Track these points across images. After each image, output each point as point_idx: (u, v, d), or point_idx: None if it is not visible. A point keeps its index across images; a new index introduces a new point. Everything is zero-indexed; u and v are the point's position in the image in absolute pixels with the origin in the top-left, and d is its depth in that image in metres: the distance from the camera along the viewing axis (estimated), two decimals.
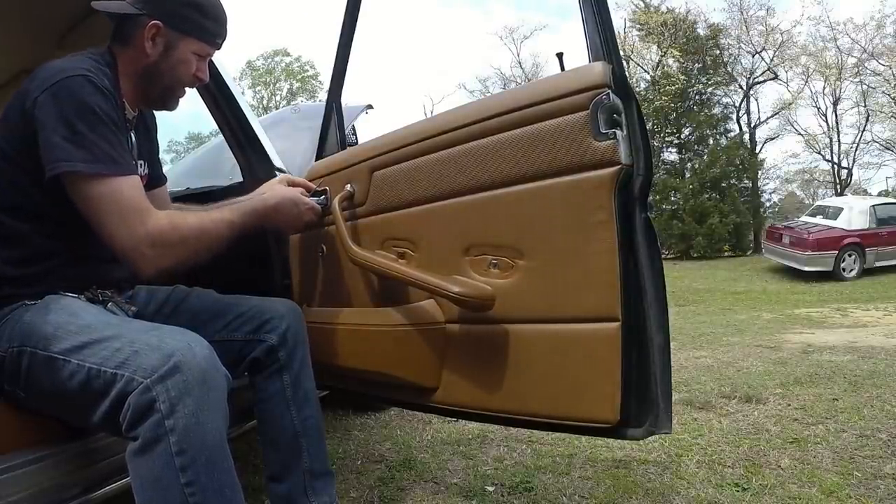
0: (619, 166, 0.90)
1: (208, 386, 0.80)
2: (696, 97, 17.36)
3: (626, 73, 1.03)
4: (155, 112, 1.23)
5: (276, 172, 1.57)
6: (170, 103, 1.13)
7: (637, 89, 16.70)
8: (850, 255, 9.64)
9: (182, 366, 0.78)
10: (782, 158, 24.12)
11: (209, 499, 0.78)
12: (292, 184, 1.31)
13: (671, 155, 17.79)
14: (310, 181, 1.38)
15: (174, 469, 0.76)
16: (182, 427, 0.76)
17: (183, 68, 1.07)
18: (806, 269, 9.64)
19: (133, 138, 1.12)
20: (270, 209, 1.17)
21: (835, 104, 17.70)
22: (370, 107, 2.72)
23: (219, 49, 1.13)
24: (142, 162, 1.17)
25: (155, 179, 1.25)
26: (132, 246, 0.93)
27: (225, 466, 0.80)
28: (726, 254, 15.48)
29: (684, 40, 17.01)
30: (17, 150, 0.95)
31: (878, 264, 9.66)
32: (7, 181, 0.98)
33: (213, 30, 1.09)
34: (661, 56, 17.56)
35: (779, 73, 17.65)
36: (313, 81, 27.02)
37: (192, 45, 1.06)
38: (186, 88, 1.13)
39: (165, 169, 1.35)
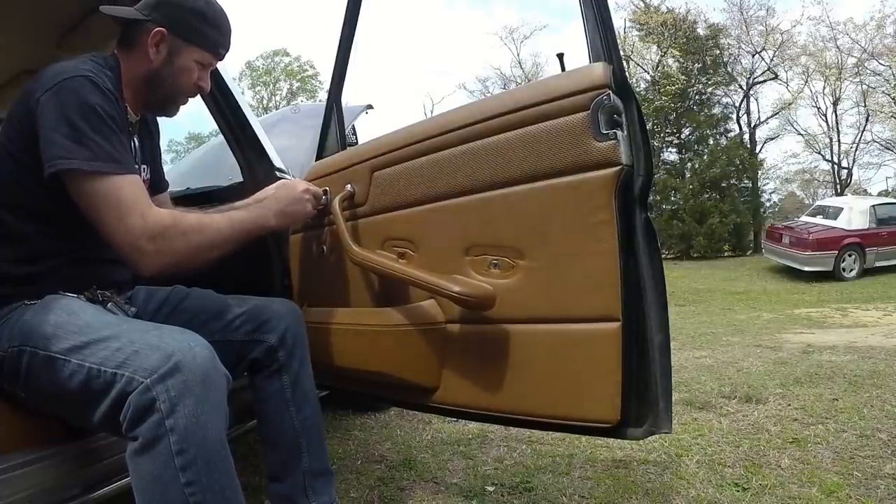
0: (619, 167, 0.91)
1: (208, 386, 0.80)
2: (696, 97, 17.37)
3: (626, 73, 1.03)
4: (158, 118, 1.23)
5: (276, 172, 1.57)
6: (169, 110, 1.14)
7: (637, 89, 16.71)
8: (850, 255, 9.64)
9: (182, 366, 0.78)
10: (782, 158, 24.09)
11: (209, 499, 0.78)
12: None
13: (671, 155, 17.81)
14: (310, 181, 1.39)
15: (174, 469, 0.76)
16: (182, 427, 0.76)
17: (185, 76, 1.08)
18: (806, 269, 9.64)
19: (136, 143, 1.12)
20: (269, 197, 1.17)
21: (835, 104, 17.71)
22: (370, 107, 2.73)
23: (221, 59, 1.14)
24: (144, 167, 1.17)
25: (157, 185, 1.25)
26: (131, 242, 0.92)
27: (225, 466, 0.80)
28: (726, 254, 15.48)
29: (684, 40, 17.00)
30: (21, 149, 0.95)
31: (878, 264, 9.66)
32: (11, 180, 0.98)
33: (216, 39, 1.09)
34: (661, 56, 17.55)
35: (779, 73, 17.67)
36: (313, 81, 27.03)
37: (194, 54, 1.07)
38: (188, 97, 1.14)
39: (165, 169, 1.35)
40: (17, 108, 0.96)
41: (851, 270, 9.62)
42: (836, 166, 18.18)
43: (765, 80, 17.76)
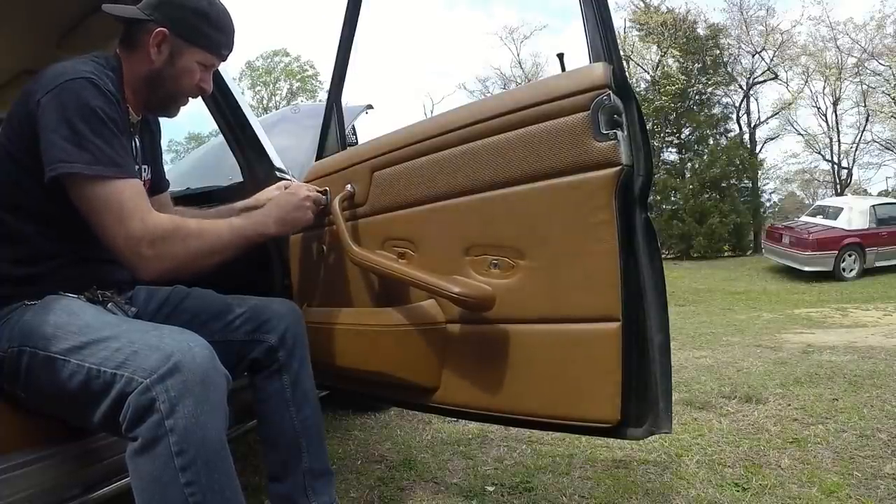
0: (619, 167, 0.91)
1: (208, 386, 0.80)
2: (696, 97, 17.36)
3: (626, 73, 1.03)
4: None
5: (276, 172, 1.57)
6: (171, 110, 1.14)
7: (637, 89, 16.70)
8: (850, 255, 9.63)
9: (182, 366, 0.78)
10: (782, 158, 24.03)
11: (209, 499, 0.78)
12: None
13: (671, 155, 17.80)
14: (310, 181, 1.39)
15: (174, 469, 0.76)
16: (182, 427, 0.76)
17: (186, 77, 1.07)
18: (806, 269, 9.64)
19: (137, 143, 1.12)
20: (270, 204, 1.17)
21: (835, 104, 17.70)
22: (370, 107, 2.73)
23: (224, 60, 1.13)
24: (145, 167, 1.17)
25: (157, 184, 1.25)
26: (131, 247, 0.93)
27: (225, 466, 0.80)
28: (726, 254, 15.48)
29: (684, 40, 17.00)
30: (21, 150, 0.95)
31: (878, 264, 9.65)
32: (11, 181, 0.98)
33: (219, 41, 1.09)
34: (661, 56, 17.55)
35: (779, 73, 17.65)
36: (313, 81, 27.01)
37: (196, 55, 1.07)
38: (189, 98, 1.13)
39: (165, 169, 1.35)
40: (18, 109, 0.95)
41: (851, 270, 9.62)
42: (836, 166, 18.17)
43: (765, 80, 17.75)
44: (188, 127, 26.91)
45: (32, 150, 0.92)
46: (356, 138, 2.65)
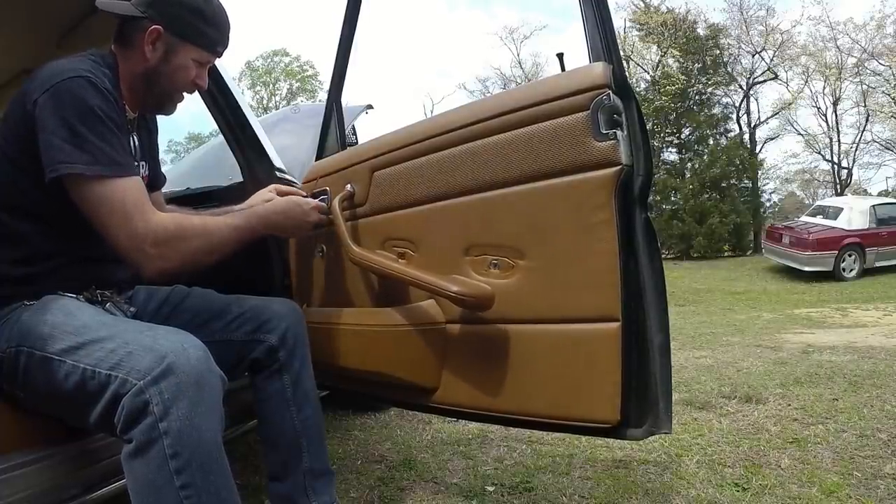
0: (619, 166, 0.91)
1: (202, 388, 0.79)
2: (696, 97, 17.35)
3: (626, 73, 1.03)
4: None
5: (276, 172, 1.57)
6: (167, 108, 1.13)
7: (637, 89, 16.69)
8: (850, 255, 9.64)
9: (175, 367, 0.78)
10: (782, 158, 24.01)
11: (205, 501, 0.78)
12: (282, 193, 1.30)
13: (671, 155, 17.79)
14: (310, 181, 1.39)
15: (168, 472, 0.76)
16: (176, 430, 0.76)
17: (182, 74, 1.07)
18: (806, 269, 9.64)
19: (135, 140, 1.12)
20: (278, 214, 1.16)
21: (835, 104, 17.69)
22: (370, 107, 2.73)
23: (219, 57, 1.13)
24: (143, 163, 1.17)
25: (154, 181, 1.25)
26: (135, 245, 0.93)
27: (220, 468, 0.80)
28: (726, 254, 15.48)
29: (684, 40, 16.99)
30: (18, 150, 0.95)
31: (878, 264, 9.65)
32: (8, 181, 0.98)
33: (214, 38, 1.08)
34: (661, 56, 17.54)
35: (779, 73, 17.65)
36: (313, 81, 27.00)
37: (191, 52, 1.06)
38: (185, 94, 1.13)
39: (165, 169, 1.35)
40: (14, 109, 0.95)
41: (851, 270, 9.62)
42: (836, 166, 18.17)
43: (765, 80, 17.74)
44: (188, 127, 26.95)
45: (29, 151, 0.92)
46: (356, 138, 2.65)
